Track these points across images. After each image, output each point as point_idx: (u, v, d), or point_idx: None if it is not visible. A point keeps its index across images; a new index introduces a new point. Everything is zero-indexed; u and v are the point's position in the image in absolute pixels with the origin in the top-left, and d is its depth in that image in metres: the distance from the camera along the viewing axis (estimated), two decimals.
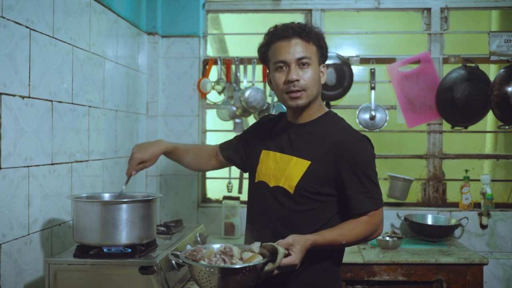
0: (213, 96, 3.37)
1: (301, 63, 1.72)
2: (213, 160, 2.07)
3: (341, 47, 3.47)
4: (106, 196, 1.96)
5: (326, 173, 1.71)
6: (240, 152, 2.00)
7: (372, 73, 3.29)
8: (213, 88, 3.34)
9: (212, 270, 1.43)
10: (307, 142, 1.76)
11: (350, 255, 2.73)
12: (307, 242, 1.57)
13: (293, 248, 1.53)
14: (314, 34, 1.75)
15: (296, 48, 1.72)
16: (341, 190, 1.72)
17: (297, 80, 1.70)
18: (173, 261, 1.77)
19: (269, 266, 1.48)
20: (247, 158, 1.97)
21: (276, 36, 1.75)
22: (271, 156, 1.82)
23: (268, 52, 1.79)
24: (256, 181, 1.86)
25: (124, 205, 1.74)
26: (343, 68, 3.26)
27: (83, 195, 1.91)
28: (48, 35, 1.97)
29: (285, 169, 1.75)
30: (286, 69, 1.73)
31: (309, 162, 1.72)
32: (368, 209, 1.69)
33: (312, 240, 1.59)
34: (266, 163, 1.83)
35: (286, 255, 1.51)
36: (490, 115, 3.23)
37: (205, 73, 3.35)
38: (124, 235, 1.73)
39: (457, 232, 3.20)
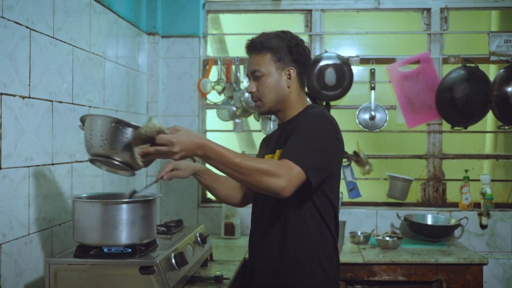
0: (213, 96, 3.37)
1: (254, 76, 1.87)
2: (239, 192, 2.12)
3: (341, 47, 3.47)
4: (106, 196, 1.96)
5: None
6: None
7: (372, 73, 3.29)
8: (213, 88, 3.34)
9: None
10: (288, 134, 1.81)
11: (350, 255, 2.72)
12: (198, 138, 1.54)
13: (176, 132, 1.52)
14: (265, 43, 1.85)
15: (250, 63, 1.89)
16: None
17: (252, 92, 1.88)
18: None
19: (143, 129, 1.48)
20: None
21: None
22: (265, 158, 1.89)
23: None
24: None
25: (124, 205, 1.73)
26: (343, 68, 3.26)
27: (83, 195, 1.91)
28: (48, 35, 1.97)
29: None
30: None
31: (281, 150, 1.79)
32: (286, 157, 1.65)
33: (203, 139, 1.56)
34: None
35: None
36: (490, 115, 3.23)
37: (205, 73, 3.35)
38: (124, 235, 1.73)
39: (457, 232, 3.20)
